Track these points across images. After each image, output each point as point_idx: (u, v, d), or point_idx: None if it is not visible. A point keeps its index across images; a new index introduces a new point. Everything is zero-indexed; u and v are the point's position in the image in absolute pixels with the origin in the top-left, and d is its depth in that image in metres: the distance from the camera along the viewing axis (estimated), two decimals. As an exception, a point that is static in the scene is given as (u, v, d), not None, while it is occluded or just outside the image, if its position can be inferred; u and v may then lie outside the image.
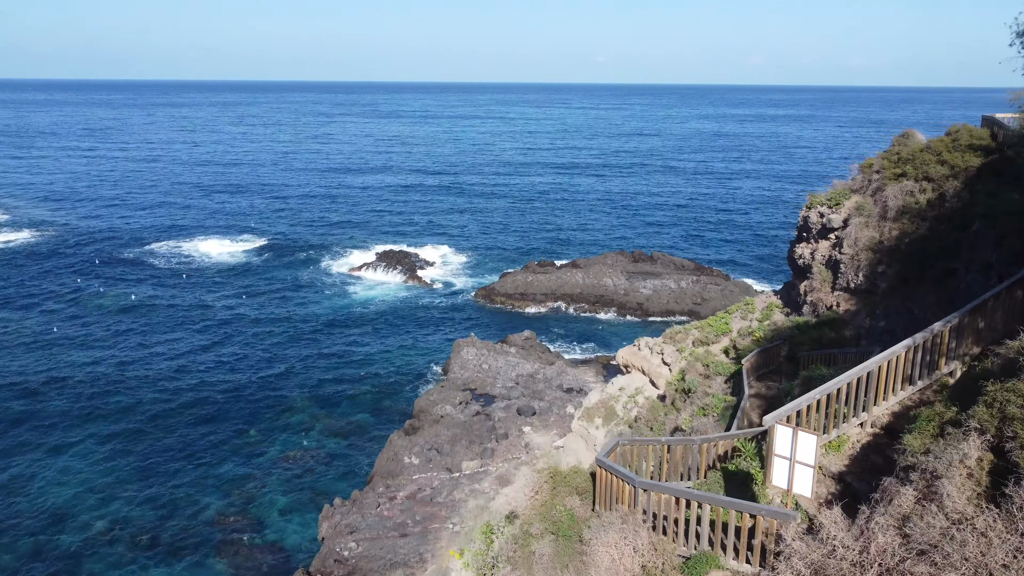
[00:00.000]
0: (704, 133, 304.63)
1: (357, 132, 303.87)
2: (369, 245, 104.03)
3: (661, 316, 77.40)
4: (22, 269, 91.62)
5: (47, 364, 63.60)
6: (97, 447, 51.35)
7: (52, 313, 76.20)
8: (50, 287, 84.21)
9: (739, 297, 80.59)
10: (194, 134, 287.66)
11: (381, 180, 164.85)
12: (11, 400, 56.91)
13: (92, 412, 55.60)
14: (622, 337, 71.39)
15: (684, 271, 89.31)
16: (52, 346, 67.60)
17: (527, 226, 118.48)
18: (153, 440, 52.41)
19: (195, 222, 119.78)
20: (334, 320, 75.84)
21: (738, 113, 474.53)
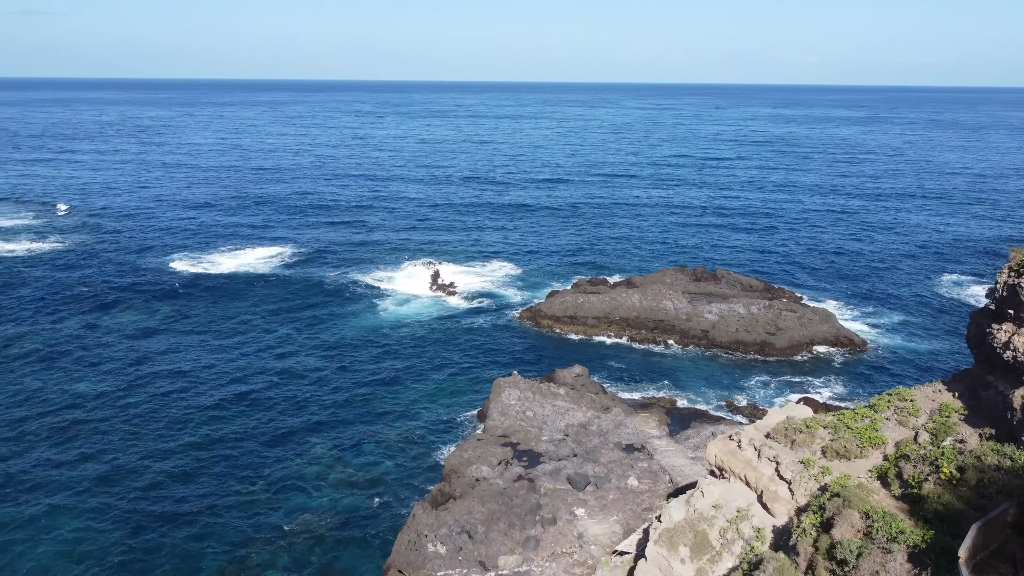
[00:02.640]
0: (763, 136, 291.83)
1: (401, 133, 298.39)
2: (405, 257, 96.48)
3: (730, 348, 68.08)
4: (50, 275, 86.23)
5: (52, 394, 57.19)
6: (84, 495, 44.42)
7: (70, 329, 70.12)
8: (77, 295, 78.35)
9: (820, 327, 71.00)
10: (237, 135, 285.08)
11: (421, 187, 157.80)
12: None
13: (84, 452, 48.82)
14: (687, 374, 62.51)
15: (753, 292, 79.79)
16: (64, 368, 61.27)
17: (576, 236, 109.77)
18: (149, 485, 45.33)
19: (229, 228, 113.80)
20: (364, 342, 68.32)
21: (796, 114, 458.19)
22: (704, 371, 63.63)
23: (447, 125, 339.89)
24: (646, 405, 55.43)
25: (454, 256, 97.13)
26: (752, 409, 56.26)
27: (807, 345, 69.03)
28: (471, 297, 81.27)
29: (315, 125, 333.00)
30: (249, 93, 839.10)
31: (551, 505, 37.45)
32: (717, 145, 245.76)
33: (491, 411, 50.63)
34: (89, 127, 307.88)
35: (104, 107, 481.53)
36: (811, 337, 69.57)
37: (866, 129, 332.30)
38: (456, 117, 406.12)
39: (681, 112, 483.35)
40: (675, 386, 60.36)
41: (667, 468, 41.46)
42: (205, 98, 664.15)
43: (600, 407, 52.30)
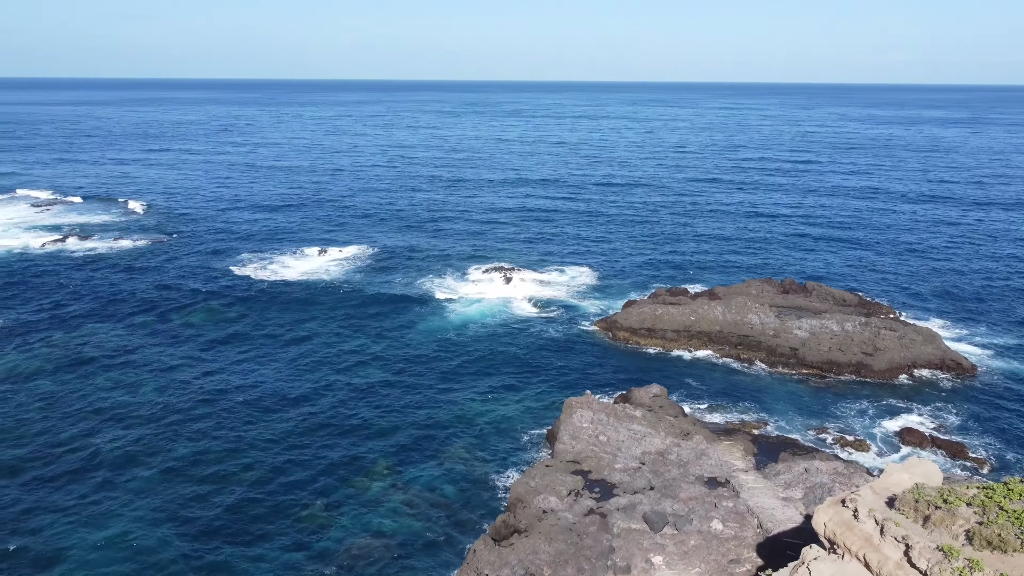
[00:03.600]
0: (854, 138, 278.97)
1: (478, 134, 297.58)
2: (477, 262, 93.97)
3: (821, 369, 62.78)
4: (125, 275, 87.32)
5: (118, 396, 56.72)
6: (134, 499, 43.16)
7: (137, 328, 70.16)
8: (148, 296, 78.77)
9: (923, 348, 64.90)
10: (316, 134, 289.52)
11: (496, 189, 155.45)
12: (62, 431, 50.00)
13: (132, 457, 47.70)
14: (774, 396, 57.77)
15: (847, 308, 74.02)
16: (131, 370, 60.93)
17: (656, 243, 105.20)
18: (203, 495, 43.75)
19: (301, 230, 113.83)
20: (430, 351, 65.90)
21: (888, 115, 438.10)
22: (793, 393, 58.76)
23: (524, 125, 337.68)
24: (730, 431, 51.10)
25: (528, 261, 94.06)
26: (846, 438, 51.29)
27: (908, 368, 63.22)
28: (544, 305, 78.00)
29: (393, 125, 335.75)
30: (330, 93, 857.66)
31: (625, 548, 33.87)
32: (805, 147, 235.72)
33: (561, 433, 47.28)
34: (176, 126, 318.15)
35: (192, 106, 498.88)
36: (913, 359, 63.66)
37: (968, 131, 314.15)
38: (533, 117, 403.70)
39: (765, 112, 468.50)
40: (761, 409, 55.77)
41: (755, 510, 37.32)
42: (287, 98, 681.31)
43: (680, 432, 48.31)
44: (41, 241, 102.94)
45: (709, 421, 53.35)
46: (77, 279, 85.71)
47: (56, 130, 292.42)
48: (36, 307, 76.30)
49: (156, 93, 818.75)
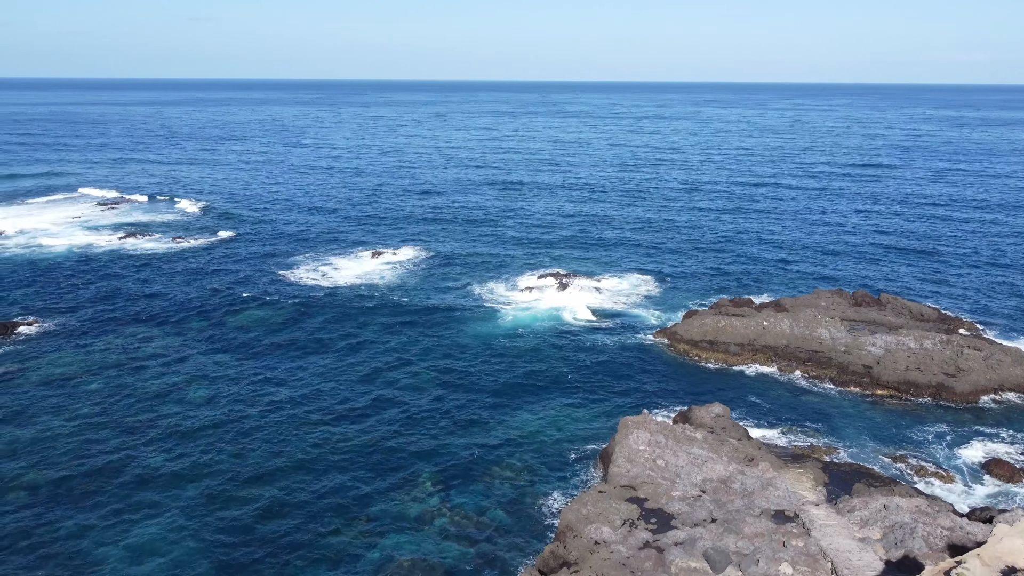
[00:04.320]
0: (929, 141, 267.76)
1: (537, 135, 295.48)
2: (532, 267, 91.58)
3: (898, 390, 58.52)
4: (180, 276, 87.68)
5: (164, 395, 56.08)
6: (172, 504, 41.98)
7: (190, 331, 69.81)
8: (197, 299, 78.69)
9: (1012, 370, 59.98)
10: (374, 135, 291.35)
11: (554, 191, 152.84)
12: (98, 442, 49.33)
13: (174, 465, 46.63)
14: (846, 418, 53.92)
15: (925, 323, 69.35)
16: (182, 372, 60.34)
17: (719, 250, 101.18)
18: (241, 511, 42.33)
19: (355, 232, 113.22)
20: (481, 360, 63.72)
21: (965, 116, 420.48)
22: (866, 416, 54.80)
23: (583, 126, 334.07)
24: (798, 457, 47.56)
25: (584, 268, 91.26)
26: (926, 468, 47.28)
27: (994, 391, 58.53)
28: (600, 314, 75.12)
29: (450, 126, 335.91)
30: (390, 93, 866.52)
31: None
32: (876, 150, 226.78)
33: (616, 456, 44.48)
34: (238, 126, 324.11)
35: (255, 107, 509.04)
36: (1000, 382, 58.93)
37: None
38: (592, 118, 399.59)
39: (833, 113, 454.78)
40: (831, 433, 52.05)
41: (828, 552, 33.99)
42: (348, 98, 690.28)
43: (744, 458, 45.04)
44: (102, 240, 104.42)
45: (775, 445, 49.89)
46: (134, 279, 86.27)
47: (125, 129, 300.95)
48: (93, 306, 76.80)
49: (221, 93, 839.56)
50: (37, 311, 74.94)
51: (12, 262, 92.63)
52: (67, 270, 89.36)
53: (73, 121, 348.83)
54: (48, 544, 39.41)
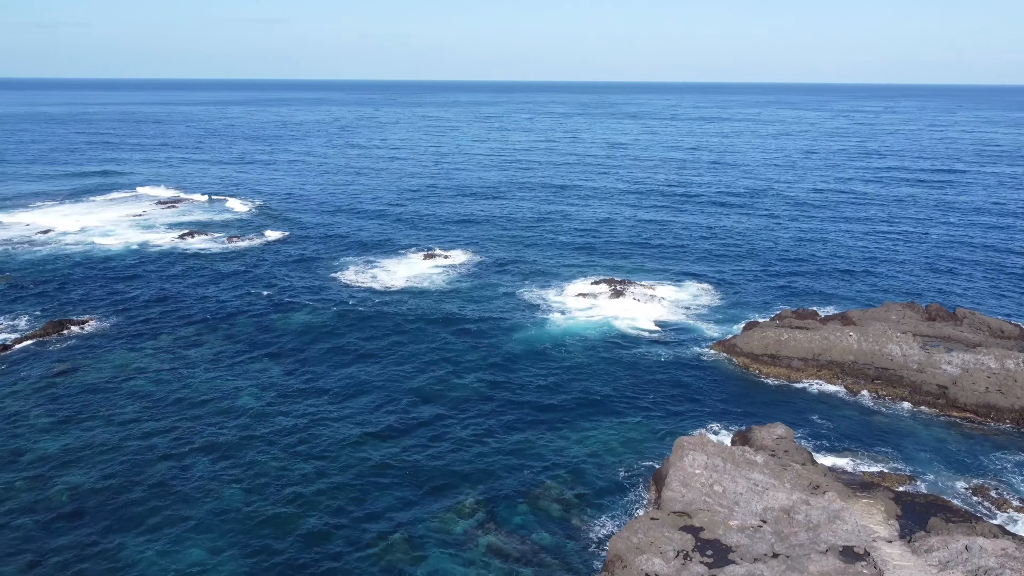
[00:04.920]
0: (999, 143, 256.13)
1: (593, 137, 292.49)
2: (584, 273, 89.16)
3: (977, 413, 54.49)
4: (232, 276, 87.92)
5: (211, 397, 55.52)
6: (212, 512, 40.98)
7: (240, 331, 69.45)
8: (248, 299, 78.56)
9: (1105, 395, 55.36)
10: (431, 136, 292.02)
11: (609, 194, 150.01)
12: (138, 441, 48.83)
13: (216, 471, 45.72)
14: (919, 443, 50.29)
15: (1007, 341, 64.75)
16: (228, 376, 59.85)
17: (781, 257, 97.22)
18: (278, 524, 41.07)
19: (407, 234, 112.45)
20: (527, 368, 61.67)
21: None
22: (941, 441, 51.05)
23: (640, 128, 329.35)
24: (867, 486, 44.28)
25: (640, 274, 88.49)
26: (1010, 502, 43.56)
27: (1085, 417, 54.02)
28: (656, 324, 72.32)
29: (506, 127, 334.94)
30: (448, 94, 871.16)
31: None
32: (948, 154, 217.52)
33: (670, 479, 41.94)
34: (298, 126, 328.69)
35: (316, 107, 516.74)
36: (1092, 407, 54.35)
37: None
38: (651, 119, 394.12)
39: (902, 115, 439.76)
40: (903, 459, 48.54)
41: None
42: (406, 98, 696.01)
43: (808, 485, 42.02)
44: (158, 239, 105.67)
45: (842, 471, 46.65)
46: (188, 278, 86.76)
47: (188, 129, 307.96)
48: (146, 305, 77.23)
49: (284, 94, 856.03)
50: (92, 309, 75.65)
51: (70, 259, 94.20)
52: (123, 268, 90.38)
53: (138, 121, 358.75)
54: (85, 547, 38.76)
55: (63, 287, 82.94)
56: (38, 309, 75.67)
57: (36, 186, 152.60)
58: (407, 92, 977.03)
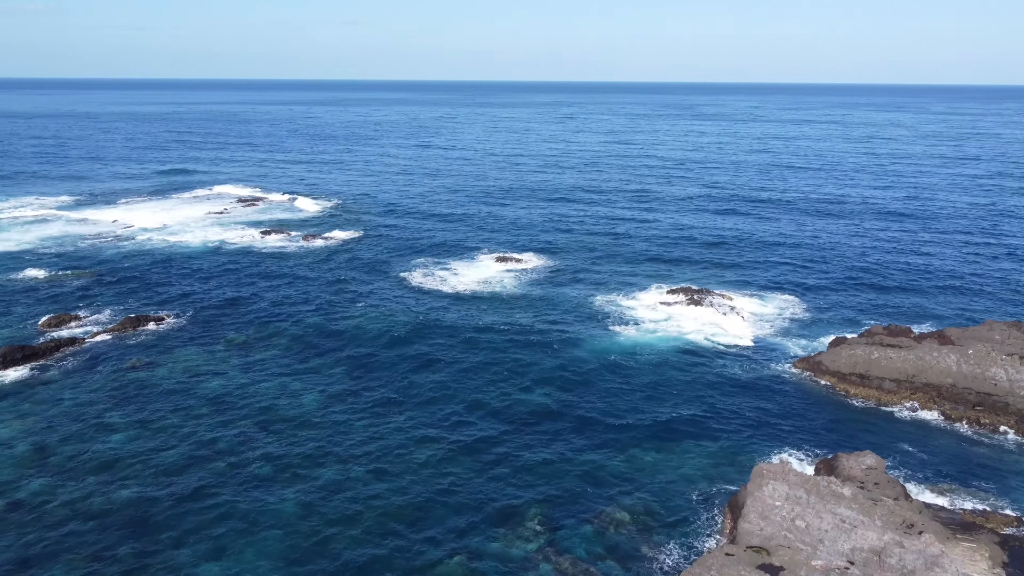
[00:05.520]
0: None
1: (672, 139, 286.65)
2: (659, 279, 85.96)
3: (1095, 448, 49.38)
4: (305, 275, 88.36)
5: (279, 400, 55.15)
6: (259, 532, 40.18)
7: (310, 333, 69.20)
8: (320, 300, 78.57)
9: None
10: (507, 136, 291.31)
11: (687, 199, 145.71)
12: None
13: (274, 478, 44.94)
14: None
15: None
16: (298, 378, 59.48)
17: (872, 269, 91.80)
18: (331, 536, 39.91)
19: (481, 231, 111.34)
20: (597, 380, 59.22)
21: None
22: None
23: (721, 130, 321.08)
24: (969, 526, 40.24)
25: (718, 284, 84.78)
26: None
27: None
28: (735, 337, 68.77)
29: (582, 129, 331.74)
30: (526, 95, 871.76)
31: None
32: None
33: (747, 510, 38.96)
34: (377, 126, 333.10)
35: (395, 107, 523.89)
36: None
37: None
38: (732, 121, 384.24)
39: (1005, 118, 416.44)
40: (1010, 497, 44.18)
41: (1018, 666, 27.43)
42: (485, 99, 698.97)
43: (901, 523, 38.35)
44: (236, 237, 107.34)
45: (940, 508, 42.64)
46: (262, 277, 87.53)
47: (271, 128, 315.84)
48: (221, 303, 78.00)
49: (364, 94, 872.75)
50: (168, 306, 76.83)
51: (151, 256, 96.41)
52: (200, 266, 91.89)
53: (223, 120, 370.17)
54: (143, 555, 38.37)
55: (143, 283, 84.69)
56: (118, 304, 77.32)
57: (124, 183, 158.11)
58: (484, 92, 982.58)
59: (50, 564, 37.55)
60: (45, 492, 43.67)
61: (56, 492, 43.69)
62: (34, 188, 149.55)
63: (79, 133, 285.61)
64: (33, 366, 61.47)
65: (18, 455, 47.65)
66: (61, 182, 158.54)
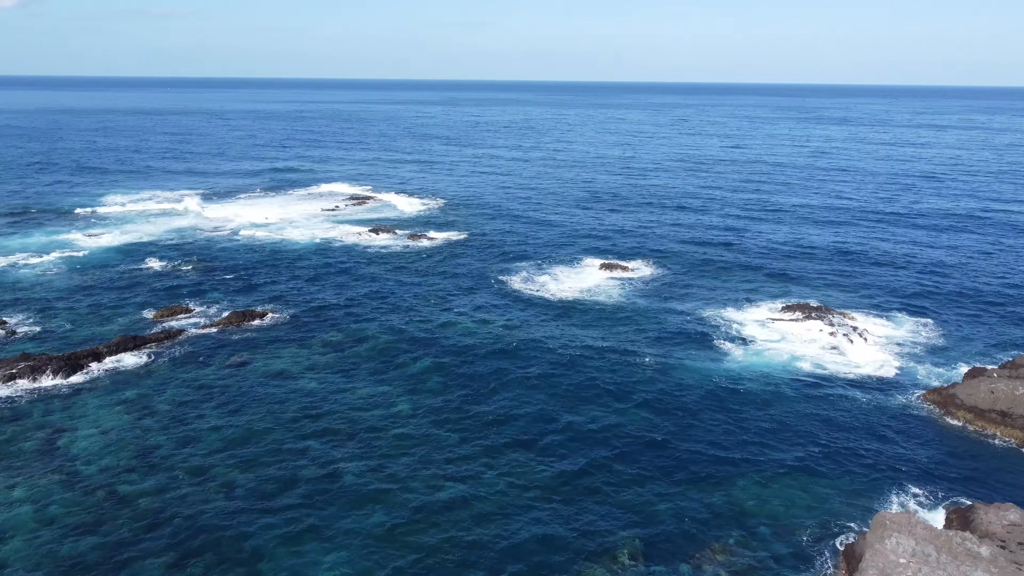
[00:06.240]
0: None
1: (791, 143, 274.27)
2: (775, 296, 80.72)
3: None
4: (404, 275, 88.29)
5: (371, 403, 54.46)
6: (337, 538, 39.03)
7: (404, 336, 68.56)
8: (418, 299, 78.04)
9: None
10: (619, 138, 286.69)
11: (808, 212, 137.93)
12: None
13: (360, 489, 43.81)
14: None
15: None
16: (387, 377, 58.79)
17: (1016, 291, 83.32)
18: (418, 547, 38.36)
19: (587, 235, 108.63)
20: (703, 404, 55.44)
21: None
22: None
23: (847, 136, 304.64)
24: None
25: (840, 303, 78.80)
26: None
27: None
28: (857, 363, 63.25)
29: (696, 132, 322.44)
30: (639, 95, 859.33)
31: None
32: None
33: (866, 564, 34.69)
34: (488, 125, 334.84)
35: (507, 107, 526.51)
36: None
37: None
38: (859, 126, 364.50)
39: None
40: None
41: None
42: (597, 99, 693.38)
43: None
44: (344, 234, 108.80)
45: (1099, 579, 36.88)
46: (366, 276, 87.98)
47: (388, 127, 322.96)
48: (324, 301, 78.65)
49: (479, 94, 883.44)
50: (273, 302, 78.03)
51: (261, 251, 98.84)
52: (306, 263, 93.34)
53: (341, 119, 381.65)
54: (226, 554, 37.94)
55: (252, 278, 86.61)
56: (227, 298, 79.17)
57: (243, 179, 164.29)
58: (598, 93, 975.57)
59: (136, 560, 37.61)
60: (137, 485, 44.17)
61: (147, 486, 44.10)
62: (162, 182, 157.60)
63: (206, 130, 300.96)
64: (142, 356, 63.33)
65: (118, 447, 48.63)
66: (185, 177, 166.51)
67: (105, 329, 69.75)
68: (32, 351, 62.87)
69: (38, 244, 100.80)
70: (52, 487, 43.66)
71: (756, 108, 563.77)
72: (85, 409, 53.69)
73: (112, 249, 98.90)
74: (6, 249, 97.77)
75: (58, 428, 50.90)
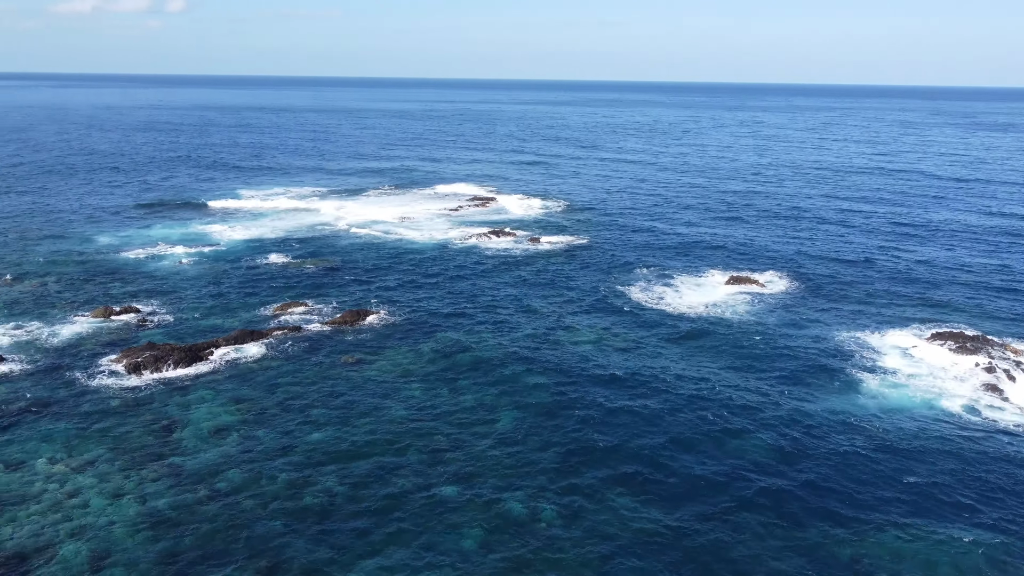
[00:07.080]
0: None
1: (943, 153, 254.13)
2: (919, 322, 73.14)
3: None
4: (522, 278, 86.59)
5: (473, 414, 52.75)
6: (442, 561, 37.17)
7: (519, 343, 66.63)
8: (526, 307, 76.01)
9: None
10: (753, 142, 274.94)
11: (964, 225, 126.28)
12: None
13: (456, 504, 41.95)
14: None
15: None
16: (490, 384, 56.93)
17: None
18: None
19: (715, 244, 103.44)
20: (833, 443, 50.07)
21: None
22: None
23: (1014, 143, 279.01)
24: None
25: (1002, 330, 70.50)
26: None
27: None
28: (1019, 403, 55.83)
29: (839, 138, 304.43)
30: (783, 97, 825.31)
31: None
32: None
33: (1028, 658, 29.40)
34: (621, 127, 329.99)
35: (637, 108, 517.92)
36: None
37: None
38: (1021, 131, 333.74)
39: None
40: None
41: None
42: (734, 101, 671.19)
43: None
44: (463, 236, 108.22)
45: None
46: (481, 279, 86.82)
47: (517, 128, 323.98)
48: (437, 303, 77.99)
49: (610, 95, 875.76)
50: (387, 302, 78.01)
51: (380, 249, 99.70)
52: (424, 264, 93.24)
53: (471, 119, 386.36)
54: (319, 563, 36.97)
55: (369, 276, 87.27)
56: (343, 296, 79.91)
57: (370, 178, 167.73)
58: (735, 94, 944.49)
59: (226, 562, 37.23)
60: (238, 484, 44.12)
61: (248, 486, 43.97)
62: (294, 178, 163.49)
63: (341, 128, 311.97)
64: (259, 351, 64.39)
65: (225, 443, 49.04)
66: (316, 174, 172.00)
67: (228, 321, 71.63)
68: (158, 340, 65.24)
69: (175, 236, 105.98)
70: (158, 481, 44.31)
71: (907, 112, 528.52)
72: (200, 403, 54.73)
73: (241, 243, 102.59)
74: (147, 239, 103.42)
75: (172, 420, 52.00)
